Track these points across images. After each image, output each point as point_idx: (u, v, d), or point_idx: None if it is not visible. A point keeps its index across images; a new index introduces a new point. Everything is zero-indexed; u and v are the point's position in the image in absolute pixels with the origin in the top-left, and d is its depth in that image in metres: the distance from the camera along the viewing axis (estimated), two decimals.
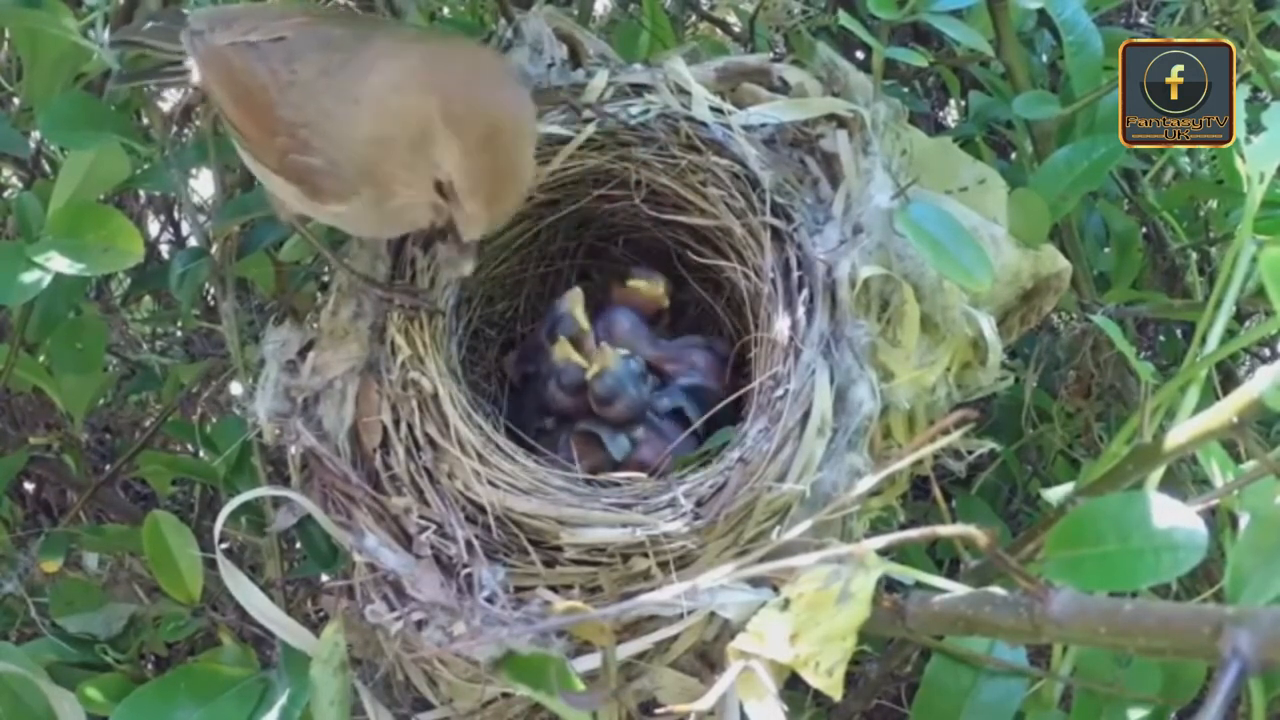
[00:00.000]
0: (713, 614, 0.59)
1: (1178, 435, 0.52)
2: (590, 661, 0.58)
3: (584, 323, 0.76)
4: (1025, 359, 0.89)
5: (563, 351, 0.74)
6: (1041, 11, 0.82)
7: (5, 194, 1.04)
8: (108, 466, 0.98)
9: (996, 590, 0.43)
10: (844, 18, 0.70)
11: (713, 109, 0.73)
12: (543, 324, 0.79)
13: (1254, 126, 0.67)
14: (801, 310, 0.66)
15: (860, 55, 0.98)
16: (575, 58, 0.77)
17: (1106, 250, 0.90)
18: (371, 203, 0.61)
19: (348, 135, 0.59)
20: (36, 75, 0.75)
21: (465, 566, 0.60)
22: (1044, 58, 0.93)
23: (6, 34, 0.91)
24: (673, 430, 0.74)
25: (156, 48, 0.67)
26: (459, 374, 0.70)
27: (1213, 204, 0.92)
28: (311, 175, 0.60)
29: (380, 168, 0.59)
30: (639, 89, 0.74)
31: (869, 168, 0.69)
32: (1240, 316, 0.89)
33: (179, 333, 1.16)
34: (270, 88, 0.60)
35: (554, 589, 0.61)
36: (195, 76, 0.65)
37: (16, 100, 0.82)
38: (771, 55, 0.83)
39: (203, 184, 1.07)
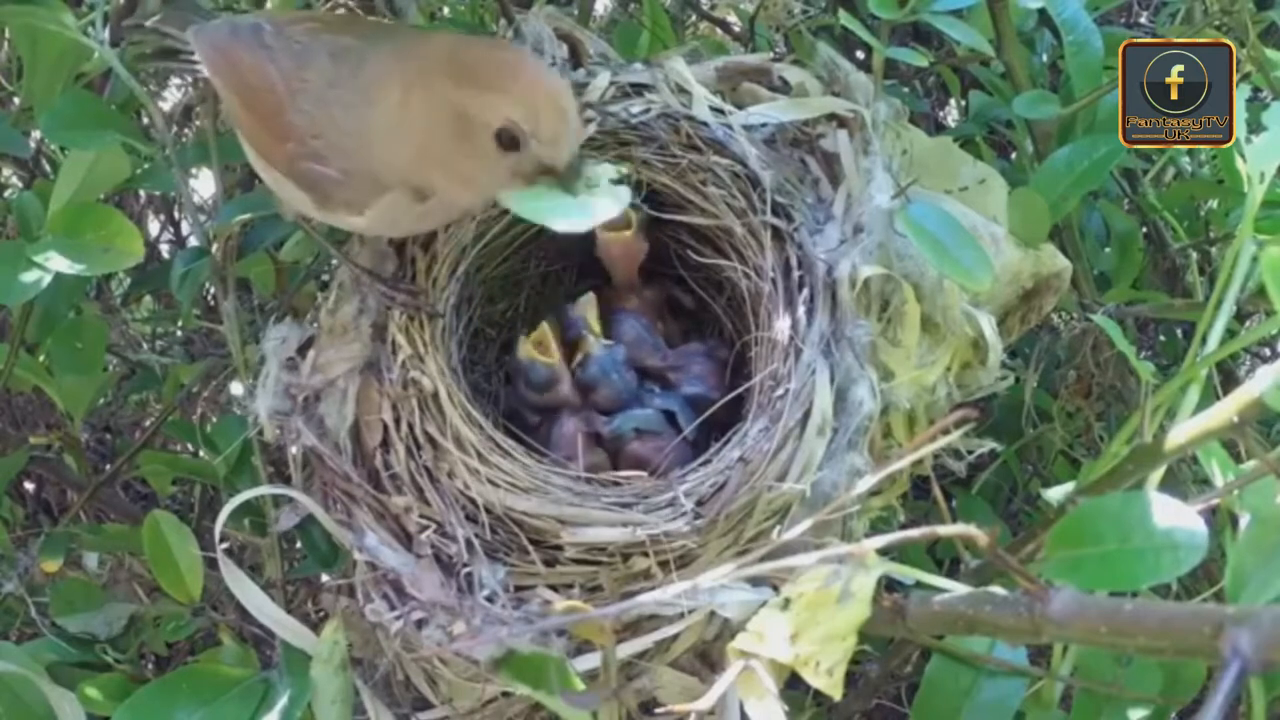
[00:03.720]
0: (713, 613, 0.59)
1: (1178, 435, 0.52)
2: (590, 661, 0.58)
3: (596, 327, 0.76)
4: (1025, 359, 0.89)
5: (526, 350, 0.74)
6: (1042, 11, 0.82)
7: (5, 194, 1.04)
8: (108, 466, 0.98)
9: (996, 590, 0.43)
10: (844, 17, 0.70)
11: (713, 109, 0.73)
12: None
13: (1254, 126, 0.67)
14: (802, 310, 0.66)
15: (860, 55, 0.98)
16: (576, 58, 0.77)
17: (1106, 250, 0.90)
18: (400, 208, 0.60)
19: (363, 149, 0.58)
20: (36, 74, 0.75)
21: (465, 565, 0.60)
22: (1044, 58, 0.93)
23: (6, 33, 0.91)
24: (672, 432, 0.74)
25: (169, 35, 0.67)
26: (459, 373, 0.70)
27: (1213, 204, 0.92)
28: (323, 184, 0.60)
29: (420, 172, 0.59)
30: (639, 88, 0.74)
31: (869, 167, 0.69)
32: (1240, 316, 0.89)
33: (179, 333, 1.16)
34: (280, 90, 0.59)
35: (554, 588, 0.61)
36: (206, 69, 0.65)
37: (16, 100, 0.82)
38: (771, 55, 0.83)
39: (203, 184, 1.08)
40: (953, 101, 1.13)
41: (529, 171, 0.57)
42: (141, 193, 1.04)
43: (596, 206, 0.56)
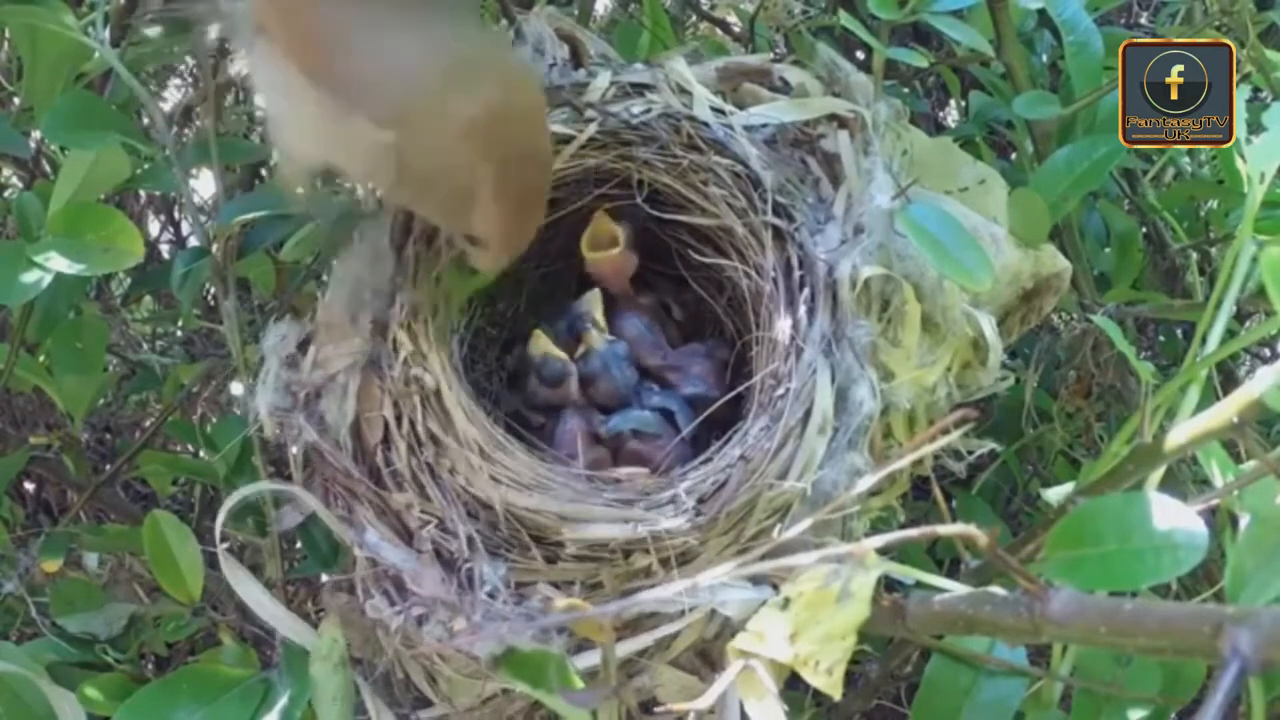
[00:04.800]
0: (713, 612, 0.59)
1: (1178, 435, 0.52)
2: (590, 658, 0.58)
3: (601, 322, 0.76)
4: (1025, 359, 0.90)
5: (539, 345, 0.75)
6: (1041, 11, 0.82)
7: (5, 194, 1.04)
8: (108, 466, 0.98)
9: (996, 590, 0.43)
10: (844, 18, 0.70)
11: (714, 109, 0.73)
12: (559, 323, 0.78)
13: (1254, 126, 0.67)
14: (803, 310, 0.66)
15: (861, 55, 0.98)
16: (576, 58, 0.77)
17: (1106, 250, 0.90)
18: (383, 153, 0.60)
19: (392, 80, 0.59)
20: (37, 75, 0.75)
21: (466, 562, 0.60)
22: (1044, 58, 0.93)
23: (6, 33, 0.91)
24: (671, 432, 0.74)
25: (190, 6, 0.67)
26: (461, 370, 0.70)
27: (1213, 204, 0.92)
28: (351, 87, 0.58)
29: (414, 187, 0.61)
30: (640, 89, 0.74)
31: (870, 168, 0.69)
32: (1240, 316, 0.89)
33: (179, 333, 1.16)
34: None
35: (555, 585, 0.61)
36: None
37: (16, 100, 0.82)
38: (772, 55, 0.83)
39: (203, 184, 1.08)
40: (953, 102, 1.13)
41: (461, 245, 0.65)
42: (141, 193, 1.04)
43: None
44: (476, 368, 0.80)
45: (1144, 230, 0.91)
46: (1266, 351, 1.11)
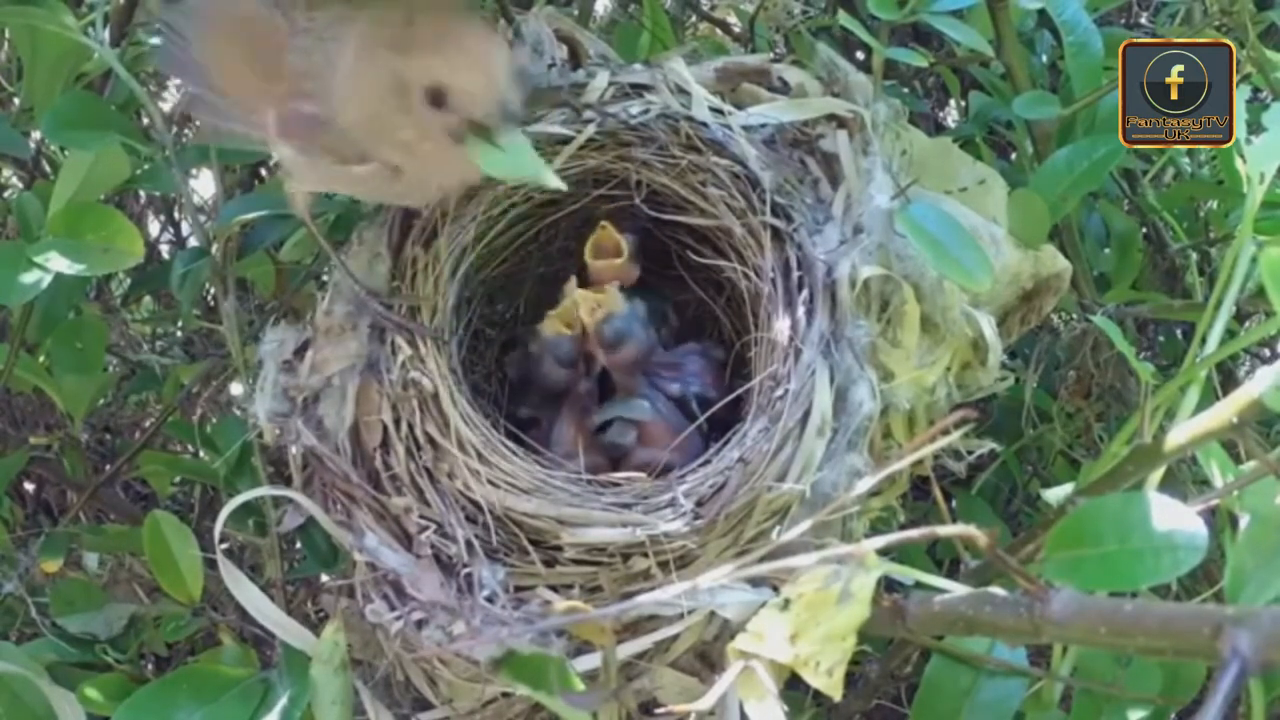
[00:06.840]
0: (713, 614, 0.59)
1: (1178, 435, 0.52)
2: (590, 661, 0.58)
3: (615, 293, 0.75)
4: (1025, 359, 0.89)
5: (553, 326, 0.74)
6: (1041, 12, 0.82)
7: (5, 194, 1.04)
8: (108, 466, 0.98)
9: (996, 590, 0.43)
10: (844, 18, 0.70)
11: (713, 109, 0.73)
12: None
13: (1254, 126, 0.67)
14: (801, 310, 0.66)
15: (860, 55, 0.98)
16: (575, 58, 0.77)
17: (1106, 250, 0.90)
18: (379, 179, 0.60)
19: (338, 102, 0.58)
20: (36, 75, 0.75)
21: (465, 566, 0.61)
22: (1044, 58, 0.93)
23: (6, 34, 0.91)
24: (678, 423, 0.74)
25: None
26: (459, 374, 0.70)
27: (1213, 204, 0.92)
28: (310, 131, 0.59)
29: (374, 145, 0.59)
30: (639, 89, 0.74)
31: (869, 168, 0.69)
32: (1240, 317, 0.89)
33: (179, 333, 1.16)
34: (284, 31, 0.59)
35: (554, 588, 0.61)
36: None
37: (16, 100, 0.82)
38: (771, 55, 0.83)
39: (203, 184, 1.07)
40: (953, 102, 1.13)
41: (458, 129, 0.58)
42: (141, 193, 1.04)
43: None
44: (476, 370, 0.80)
45: (1144, 230, 0.91)
46: (1266, 351, 1.11)
